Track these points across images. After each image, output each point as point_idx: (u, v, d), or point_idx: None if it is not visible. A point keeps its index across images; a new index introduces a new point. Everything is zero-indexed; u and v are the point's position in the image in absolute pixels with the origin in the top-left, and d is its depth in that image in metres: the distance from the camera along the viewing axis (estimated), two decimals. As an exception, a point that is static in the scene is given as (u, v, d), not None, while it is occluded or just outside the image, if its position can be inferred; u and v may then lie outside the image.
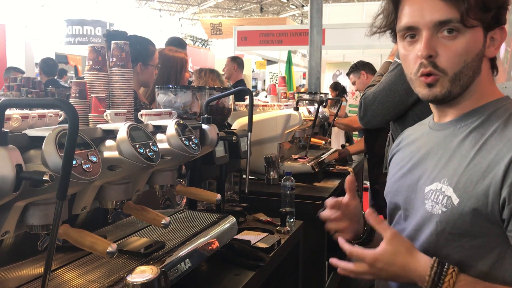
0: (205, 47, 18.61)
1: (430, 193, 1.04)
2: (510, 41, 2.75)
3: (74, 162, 1.02)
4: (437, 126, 1.12)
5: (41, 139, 1.03)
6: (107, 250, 1.06)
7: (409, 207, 1.12)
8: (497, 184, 0.93)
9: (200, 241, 1.60)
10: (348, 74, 4.28)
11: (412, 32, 1.03)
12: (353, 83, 4.24)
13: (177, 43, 4.85)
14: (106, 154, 1.25)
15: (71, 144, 0.86)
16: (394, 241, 1.01)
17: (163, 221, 1.30)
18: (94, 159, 1.10)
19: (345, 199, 1.17)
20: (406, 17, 1.03)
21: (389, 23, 1.09)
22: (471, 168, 0.98)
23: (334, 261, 1.07)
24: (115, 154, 1.25)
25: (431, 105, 1.14)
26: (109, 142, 1.28)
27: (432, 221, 1.02)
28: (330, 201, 1.18)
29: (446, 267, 0.96)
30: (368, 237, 1.22)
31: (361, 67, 4.08)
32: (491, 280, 0.96)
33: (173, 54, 3.07)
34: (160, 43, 4.58)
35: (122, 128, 1.28)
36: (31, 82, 3.97)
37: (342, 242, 1.08)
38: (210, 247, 1.62)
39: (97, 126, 1.35)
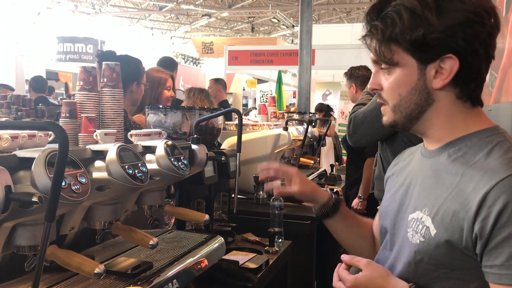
0: (196, 65, 18.71)
1: (412, 221, 1.05)
2: (498, 67, 2.82)
3: (63, 183, 1.03)
4: (426, 153, 1.12)
5: (30, 160, 1.04)
6: (95, 271, 1.06)
7: (395, 233, 1.13)
8: (470, 219, 0.92)
9: (188, 261, 1.60)
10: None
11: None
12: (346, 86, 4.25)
13: (169, 62, 4.89)
14: (95, 174, 1.26)
15: (61, 167, 0.88)
16: (369, 267, 1.06)
17: (151, 242, 1.31)
18: (83, 180, 1.11)
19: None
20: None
21: None
22: (450, 200, 0.97)
23: (345, 259, 1.11)
24: (104, 175, 1.26)
25: None
26: (98, 163, 1.29)
27: (411, 250, 1.04)
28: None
29: None
30: (333, 209, 1.33)
31: (353, 79, 4.06)
32: None
33: (154, 74, 3.11)
34: (151, 61, 4.62)
35: (112, 149, 1.29)
36: (21, 100, 3.97)
37: (342, 266, 1.12)
38: (198, 268, 1.62)
39: (86, 147, 1.36)
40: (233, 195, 2.42)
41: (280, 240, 2.29)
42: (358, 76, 4.11)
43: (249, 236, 2.37)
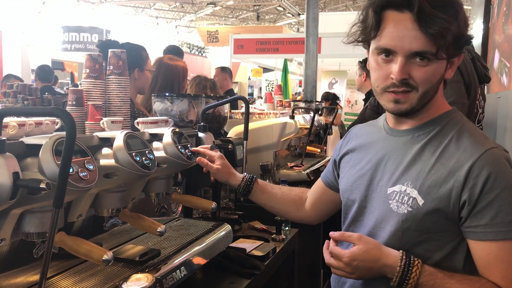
0: (202, 54, 18.65)
1: (394, 194, 1.17)
2: (507, 54, 2.78)
3: (70, 170, 1.03)
4: (395, 132, 1.25)
5: (38, 147, 1.04)
6: (103, 258, 1.06)
7: (367, 205, 1.26)
8: (458, 188, 1.08)
9: (195, 249, 1.60)
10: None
11: (388, 53, 1.12)
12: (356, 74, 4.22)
13: (175, 51, 4.87)
14: (103, 162, 1.26)
15: (68, 153, 0.87)
16: (362, 240, 1.16)
17: (159, 229, 1.30)
18: (91, 167, 1.11)
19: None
20: (386, 39, 1.11)
21: (369, 38, 1.16)
22: (433, 174, 1.12)
23: (333, 235, 1.21)
24: (111, 162, 1.26)
25: (389, 113, 1.25)
26: (105, 150, 1.29)
27: (396, 219, 1.15)
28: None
29: (412, 259, 1.10)
30: (246, 189, 1.62)
31: (366, 68, 4.04)
32: (443, 268, 1.11)
33: (175, 63, 3.09)
34: (157, 50, 4.60)
35: (119, 136, 1.29)
36: (27, 89, 3.97)
37: (331, 243, 1.21)
38: (205, 255, 1.62)
39: (93, 134, 1.36)
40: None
41: (287, 228, 2.29)
42: None
43: (256, 224, 2.37)
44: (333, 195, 1.50)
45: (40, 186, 0.91)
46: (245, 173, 1.67)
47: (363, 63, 4.02)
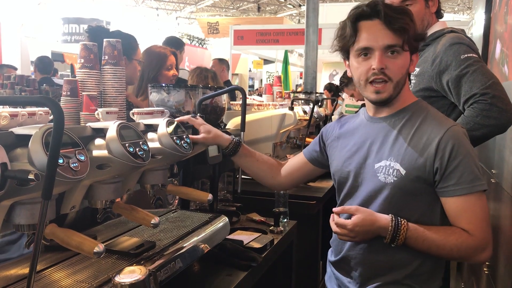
0: (202, 46, 18.57)
1: (381, 168, 1.46)
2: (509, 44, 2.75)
3: (61, 161, 1.01)
4: (375, 120, 1.55)
5: (28, 137, 1.02)
6: (94, 250, 1.04)
7: (358, 180, 1.53)
8: (431, 159, 1.40)
9: (192, 241, 1.59)
10: (341, 89, 4.26)
11: (366, 52, 1.43)
12: (352, 95, 4.21)
13: (174, 42, 4.82)
14: (96, 153, 1.24)
15: (57, 143, 0.85)
16: (359, 211, 1.44)
17: (153, 221, 1.29)
18: (82, 157, 1.08)
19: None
20: (364, 41, 1.43)
21: (348, 44, 1.47)
22: (411, 149, 1.43)
23: (335, 210, 1.50)
24: (104, 153, 1.24)
25: (369, 104, 1.56)
26: (98, 141, 1.27)
27: (386, 188, 1.45)
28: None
29: (400, 220, 1.41)
30: (233, 150, 1.82)
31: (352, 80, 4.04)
32: (423, 223, 1.42)
33: (155, 50, 3.03)
34: (157, 42, 4.55)
35: (112, 127, 1.26)
36: (25, 80, 3.93)
37: (335, 216, 1.50)
38: (201, 247, 1.60)
39: (86, 125, 1.33)
40: (237, 175, 2.40)
41: (285, 220, 2.27)
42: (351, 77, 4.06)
43: (254, 216, 2.36)
44: (311, 169, 1.81)
45: (29, 177, 0.89)
46: (232, 136, 1.86)
47: (345, 81, 4.04)
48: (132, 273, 1.12)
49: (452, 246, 1.38)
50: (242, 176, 2.16)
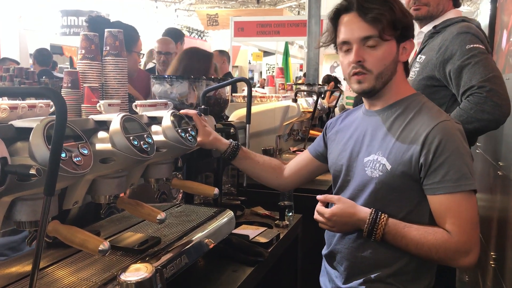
0: (202, 38, 18.45)
1: (369, 162, 1.42)
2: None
3: (63, 155, 0.96)
4: (369, 113, 1.51)
5: (28, 130, 0.97)
6: (99, 248, 1.00)
7: (350, 173, 1.50)
8: (417, 154, 1.34)
9: (197, 236, 1.55)
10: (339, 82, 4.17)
11: (347, 45, 1.41)
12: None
13: (174, 33, 4.76)
14: (99, 146, 1.19)
15: (59, 136, 0.81)
16: (340, 201, 1.44)
17: (159, 217, 1.24)
18: (85, 151, 1.04)
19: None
20: (342, 35, 1.42)
21: (331, 39, 1.48)
22: (398, 144, 1.38)
23: (319, 198, 1.50)
24: (107, 146, 1.19)
25: (363, 97, 1.52)
26: (101, 134, 1.22)
27: (372, 183, 1.41)
28: None
29: (379, 214, 1.37)
30: (232, 154, 1.76)
31: None
32: (410, 222, 1.36)
33: (201, 51, 2.84)
34: (156, 34, 4.49)
35: (115, 119, 1.22)
36: (24, 72, 3.88)
37: (319, 201, 1.50)
38: (207, 243, 1.57)
39: (89, 117, 1.29)
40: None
41: (291, 214, 2.24)
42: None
43: (258, 210, 2.32)
44: (317, 166, 1.75)
45: (30, 172, 0.85)
46: (231, 139, 1.81)
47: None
48: (138, 271, 1.08)
49: (431, 246, 1.32)
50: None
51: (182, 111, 1.67)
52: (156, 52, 3.87)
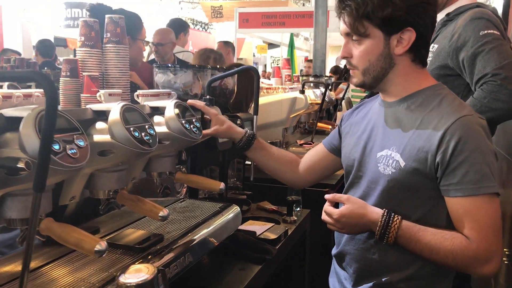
0: (206, 30, 18.31)
1: (381, 158, 1.32)
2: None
3: (57, 147, 0.88)
4: (384, 104, 1.39)
5: (19, 120, 0.89)
6: (95, 249, 0.91)
7: (362, 169, 1.40)
8: (433, 152, 1.22)
9: (202, 233, 1.47)
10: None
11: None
12: None
13: (178, 24, 4.69)
14: (97, 137, 1.12)
15: (50, 126, 0.72)
16: (350, 201, 1.33)
17: (161, 214, 1.16)
18: (82, 143, 0.96)
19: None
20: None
21: None
22: (414, 139, 1.26)
23: (327, 197, 1.40)
24: (106, 138, 1.11)
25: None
26: (100, 125, 1.14)
27: (383, 180, 1.30)
28: None
29: (392, 216, 1.26)
30: (247, 143, 1.67)
31: None
32: (427, 225, 1.26)
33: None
34: (161, 27, 4.42)
35: (115, 109, 1.14)
36: (25, 63, 3.81)
37: (327, 201, 1.39)
38: (212, 240, 1.49)
39: (87, 107, 1.21)
40: (248, 162, 2.28)
41: (298, 209, 2.16)
42: None
43: (265, 205, 2.24)
44: (333, 160, 1.62)
45: (18, 165, 0.77)
46: (246, 129, 1.71)
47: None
48: (139, 272, 1.00)
49: (447, 253, 1.21)
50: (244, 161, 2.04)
51: (189, 101, 1.59)
52: (151, 43, 3.84)
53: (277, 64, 13.43)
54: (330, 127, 3.83)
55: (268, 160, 1.70)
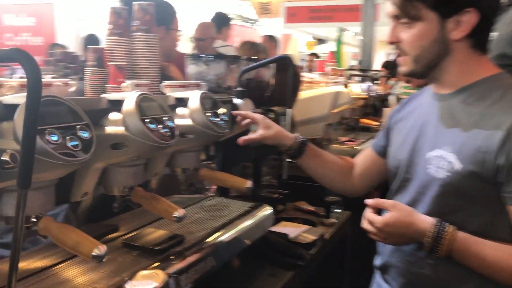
0: (252, 26, 18.30)
1: (432, 159, 1.16)
2: None
3: (55, 138, 0.79)
4: (437, 97, 1.23)
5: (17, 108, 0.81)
6: (93, 253, 0.82)
7: (411, 170, 1.24)
8: (493, 152, 1.06)
9: (228, 234, 1.37)
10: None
11: None
12: (407, 81, 3.87)
13: (221, 18, 4.66)
14: (110, 129, 1.03)
15: (32, 113, 0.63)
16: (395, 208, 1.15)
17: (176, 214, 1.06)
18: (86, 135, 0.87)
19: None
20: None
21: None
22: (471, 137, 1.10)
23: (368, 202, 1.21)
24: (120, 129, 1.02)
25: None
26: (114, 116, 1.05)
27: (435, 184, 1.15)
28: None
29: (445, 226, 1.10)
30: (298, 151, 1.48)
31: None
32: (487, 238, 1.10)
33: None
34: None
35: (130, 98, 1.05)
36: (70, 57, 3.85)
37: (368, 209, 1.21)
38: (239, 242, 1.38)
39: (101, 96, 1.12)
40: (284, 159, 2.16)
41: (338, 211, 2.02)
42: None
43: (302, 205, 2.12)
44: (384, 164, 1.42)
45: (2, 158, 0.68)
46: (297, 134, 1.53)
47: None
48: (148, 278, 0.90)
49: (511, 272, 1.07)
50: (288, 160, 1.91)
51: (234, 112, 1.52)
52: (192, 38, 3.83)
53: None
54: (375, 123, 3.64)
55: (321, 168, 1.54)
